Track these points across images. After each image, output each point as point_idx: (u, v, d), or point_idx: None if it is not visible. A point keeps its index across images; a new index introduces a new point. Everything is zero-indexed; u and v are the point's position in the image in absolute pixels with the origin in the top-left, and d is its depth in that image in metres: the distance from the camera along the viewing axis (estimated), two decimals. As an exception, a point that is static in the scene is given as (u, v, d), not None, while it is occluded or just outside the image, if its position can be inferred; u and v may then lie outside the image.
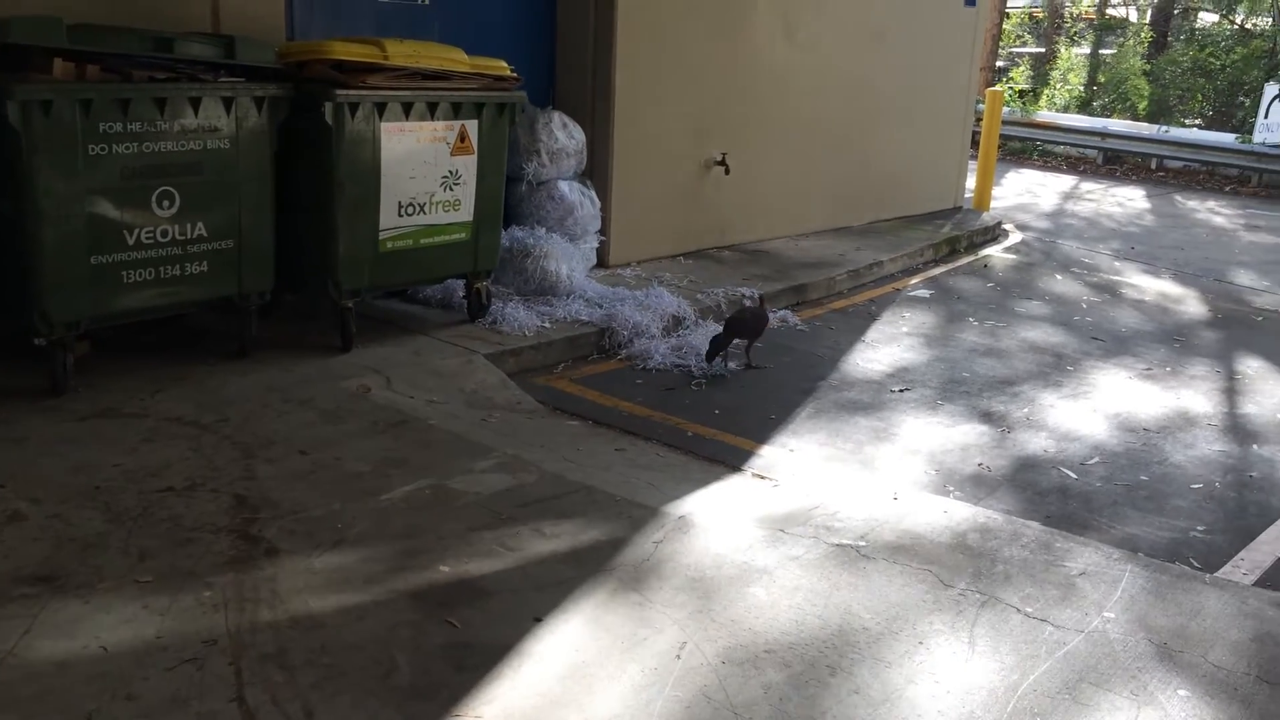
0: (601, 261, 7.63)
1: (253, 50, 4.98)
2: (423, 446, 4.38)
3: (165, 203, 4.73)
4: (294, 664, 2.83)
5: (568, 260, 6.81)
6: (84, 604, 3.05)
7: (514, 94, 5.89)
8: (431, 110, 5.50)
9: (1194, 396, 6.09)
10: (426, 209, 5.62)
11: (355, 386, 4.96)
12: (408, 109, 5.38)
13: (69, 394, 4.56)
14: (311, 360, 5.25)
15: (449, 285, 6.34)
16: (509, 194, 6.92)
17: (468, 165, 5.75)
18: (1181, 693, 2.98)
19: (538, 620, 3.11)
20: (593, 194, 7.35)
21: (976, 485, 4.69)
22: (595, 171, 7.51)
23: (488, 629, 3.05)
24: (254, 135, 4.98)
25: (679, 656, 2.98)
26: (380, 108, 5.26)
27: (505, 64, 5.90)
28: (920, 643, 3.15)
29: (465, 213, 5.81)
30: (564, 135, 7.14)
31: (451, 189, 5.71)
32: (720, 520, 3.94)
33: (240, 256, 5.04)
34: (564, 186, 7.15)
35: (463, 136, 5.69)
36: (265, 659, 2.84)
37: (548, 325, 6.18)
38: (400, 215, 5.50)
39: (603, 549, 3.60)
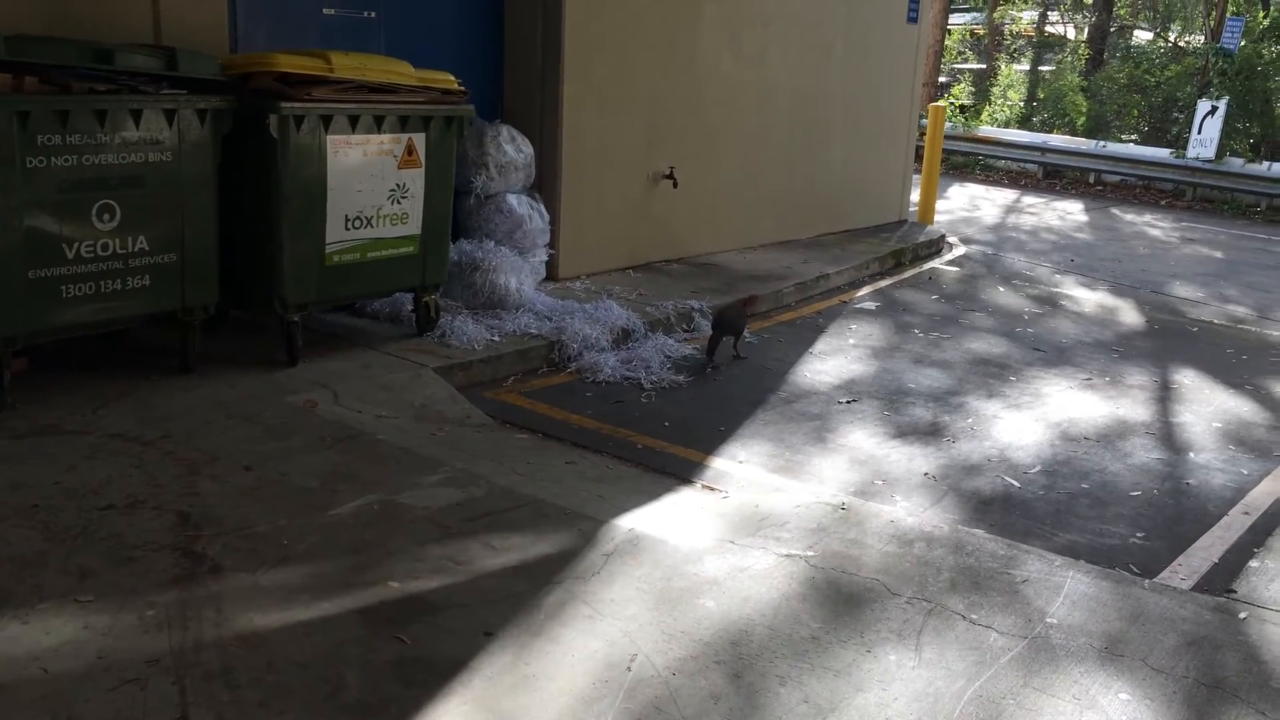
0: (551, 275, 7.64)
1: (195, 62, 4.92)
2: (371, 461, 4.35)
3: (106, 216, 4.65)
4: (239, 683, 2.79)
5: (517, 273, 6.81)
6: (22, 625, 2.98)
7: (462, 107, 5.88)
8: (378, 123, 5.47)
9: (1132, 406, 6.23)
10: (374, 222, 5.59)
11: (302, 401, 4.91)
12: (354, 122, 5.35)
13: (6, 411, 4.46)
14: (257, 375, 5.19)
15: (397, 299, 6.31)
16: (457, 207, 6.91)
17: (415, 179, 5.73)
18: (1123, 696, 3.04)
19: (488, 634, 3.10)
20: (541, 207, 7.35)
21: (923, 495, 4.75)
22: (544, 185, 7.52)
23: (437, 644, 3.04)
24: (197, 148, 4.92)
25: (630, 669, 2.98)
26: (326, 120, 5.23)
27: (452, 77, 5.89)
28: (868, 651, 3.19)
29: (413, 226, 5.79)
30: (512, 149, 7.14)
31: (399, 202, 5.68)
32: (670, 532, 3.96)
33: (183, 270, 4.97)
34: (513, 200, 7.15)
35: (410, 150, 5.67)
36: (210, 678, 2.80)
37: (497, 339, 6.17)
38: (347, 229, 5.47)
39: (553, 562, 3.60)
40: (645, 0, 7.97)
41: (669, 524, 4.06)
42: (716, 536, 3.96)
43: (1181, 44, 21.51)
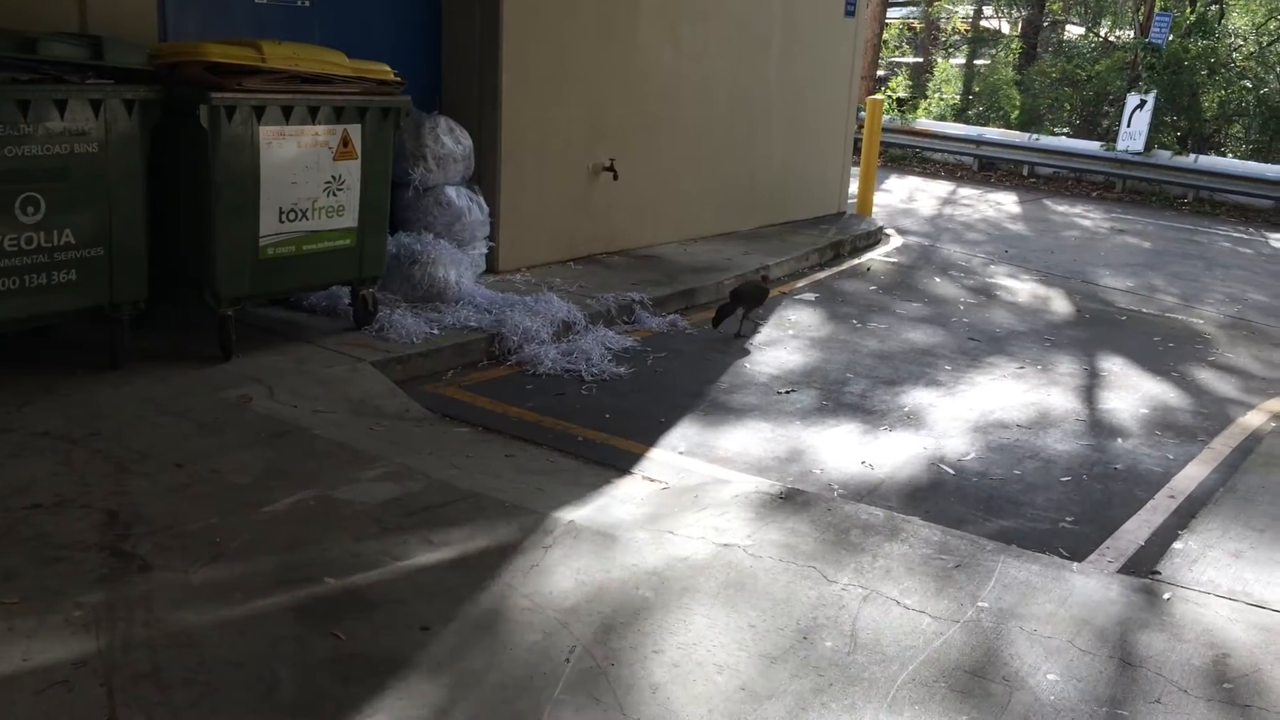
0: (491, 267, 7.60)
1: (122, 51, 4.81)
2: (307, 457, 4.30)
3: (30, 209, 4.54)
4: (170, 683, 2.74)
5: (456, 266, 6.76)
6: (-57, 629, 2.90)
7: (398, 98, 5.82)
8: (313, 114, 5.40)
9: (1063, 393, 6.36)
10: (309, 215, 5.51)
11: (235, 397, 4.84)
12: (288, 113, 5.28)
13: (-74, 410, 4.35)
14: (189, 371, 5.10)
15: (334, 292, 6.23)
16: (395, 200, 6.84)
17: (351, 170, 5.66)
18: (1051, 677, 3.11)
19: (425, 629, 3.08)
20: (481, 200, 7.31)
21: (860, 483, 4.81)
22: (484, 177, 7.48)
23: (374, 640, 3.01)
24: (124, 139, 4.81)
25: (568, 660, 2.99)
26: (259, 111, 5.15)
27: (389, 68, 5.83)
28: (805, 638, 3.22)
29: (349, 218, 5.72)
30: (451, 140, 7.09)
31: (335, 194, 5.61)
32: (610, 524, 3.97)
33: (111, 264, 4.87)
34: (451, 192, 7.10)
35: (346, 141, 5.60)
36: (139, 679, 2.75)
37: (436, 332, 6.13)
38: (282, 221, 5.39)
39: (491, 556, 3.59)
40: (584, -8, 7.96)
41: (608, 516, 4.07)
42: (656, 527, 3.97)
43: (1112, 39, 21.94)
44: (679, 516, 4.11)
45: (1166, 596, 3.66)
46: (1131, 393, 6.45)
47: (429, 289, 6.59)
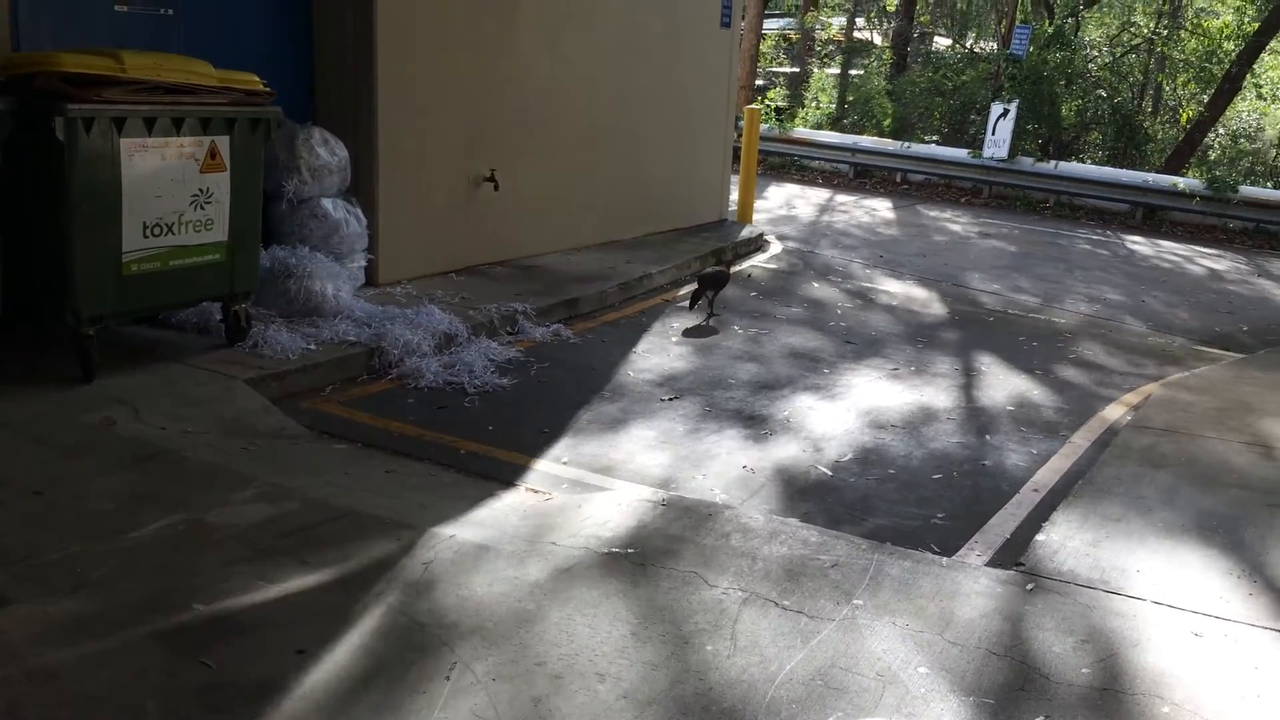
0: (371, 280, 7.48)
1: (-32, 61, 4.60)
2: (175, 480, 4.17)
3: None
4: (28, 722, 2.63)
5: (333, 280, 6.64)
6: None
7: (268, 109, 5.69)
8: (177, 126, 5.24)
9: (935, 393, 6.58)
10: (176, 229, 5.35)
11: (98, 419, 4.66)
12: (150, 124, 5.11)
13: None
14: (48, 393, 4.89)
15: (205, 309, 6.05)
16: (269, 213, 6.70)
17: (220, 183, 5.51)
18: (921, 670, 3.22)
19: (301, 653, 3.02)
20: (359, 211, 7.20)
21: (741, 487, 4.90)
22: (361, 188, 7.36)
23: (247, 666, 2.94)
24: (-27, 152, 4.60)
25: (448, 677, 2.97)
26: (119, 123, 4.97)
27: (257, 78, 5.70)
28: (686, 643, 3.26)
29: (219, 232, 5.57)
30: (325, 151, 6.96)
31: (203, 208, 5.45)
32: (492, 537, 3.95)
33: (-39, 284, 4.64)
34: (327, 204, 6.97)
35: (213, 153, 5.45)
36: (-6, 720, 2.63)
37: (313, 347, 6.01)
38: (146, 236, 5.21)
39: (370, 574, 3.54)
40: (460, 3, 7.90)
41: (491, 529, 4.05)
42: (539, 539, 3.97)
43: (977, 50, 22.78)
44: (562, 527, 4.12)
45: (1030, 587, 3.82)
46: (999, 391, 6.71)
47: (306, 303, 6.45)
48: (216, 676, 2.88)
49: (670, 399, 6.11)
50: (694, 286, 8.17)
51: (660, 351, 7.08)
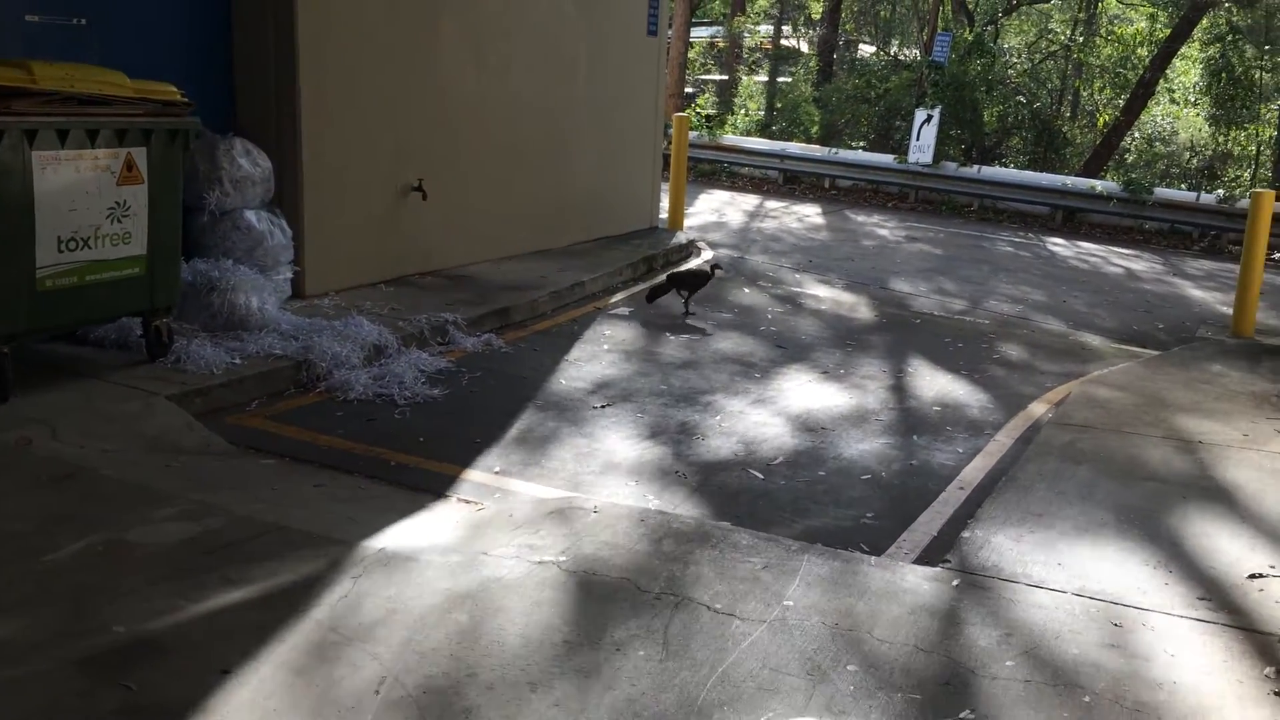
0: (298, 292, 7.37)
1: None
2: (95, 499, 4.07)
3: None
4: (-62, 754, 2.55)
5: (258, 292, 6.54)
6: None
7: (186, 120, 5.59)
8: (92, 138, 5.12)
9: (865, 395, 6.67)
10: (92, 243, 5.22)
11: (13, 439, 4.53)
12: (63, 136, 4.99)
13: None
14: (-40, 414, 4.74)
15: (125, 324, 5.91)
16: (190, 225, 6.58)
17: (137, 195, 5.40)
18: (851, 668, 3.26)
19: (225, 673, 2.96)
20: (283, 223, 7.10)
21: (673, 493, 4.92)
22: (285, 199, 7.26)
23: (168, 688, 2.88)
24: (-125, 166, 4.45)
25: (378, 692, 2.93)
26: (30, 135, 4.84)
27: (175, 88, 5.59)
28: (618, 649, 3.27)
29: (138, 246, 5.45)
30: (248, 162, 6.85)
31: (120, 221, 5.34)
32: (423, 549, 3.92)
33: None
34: (251, 216, 6.86)
35: (130, 165, 5.34)
36: (-98, 752, 2.54)
37: (238, 361, 5.90)
38: (61, 251, 5.08)
39: (297, 591, 3.49)
40: (382, 11, 7.84)
41: (422, 541, 4.02)
42: (470, 549, 3.95)
43: (900, 57, 23.21)
44: (494, 537, 4.10)
45: (955, 583, 3.89)
46: (926, 391, 6.83)
47: (230, 317, 6.34)
48: (137, 699, 2.82)
49: (603, 406, 6.11)
50: (659, 280, 8.61)
51: (593, 359, 7.08)
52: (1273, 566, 4.17)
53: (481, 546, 3.98)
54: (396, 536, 4.03)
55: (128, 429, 4.89)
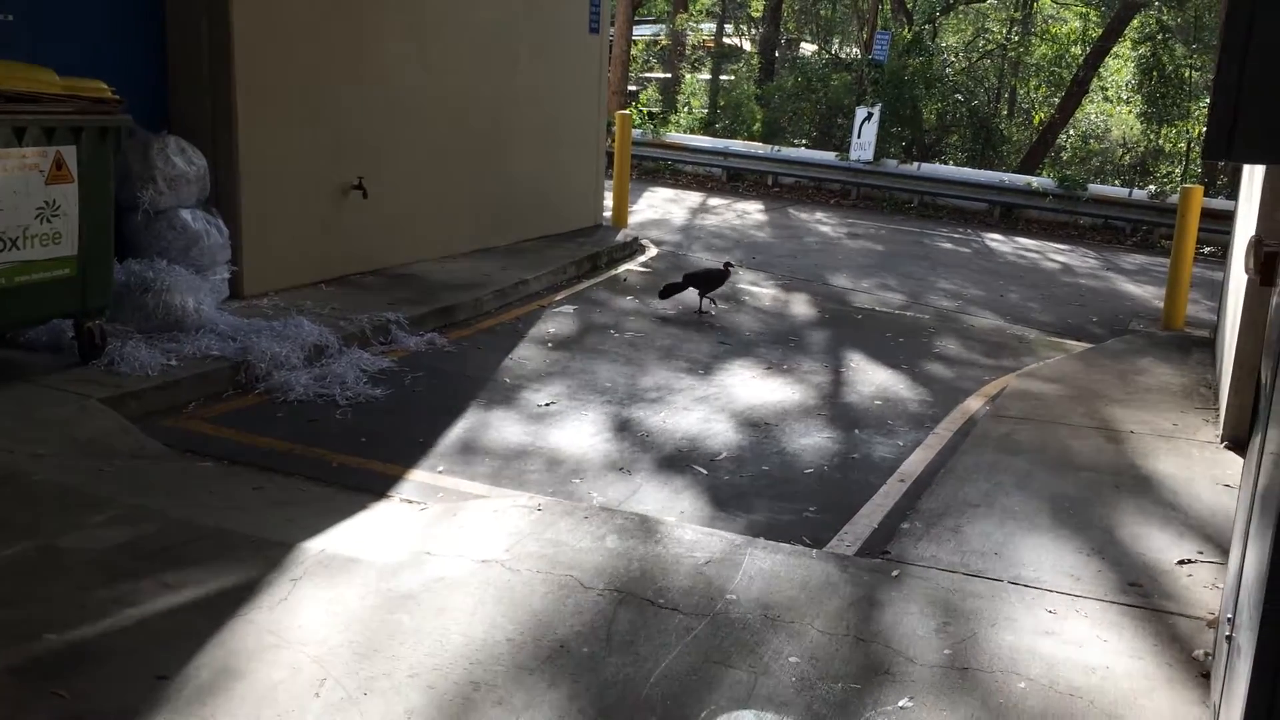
0: (236, 293, 7.27)
1: None
2: (26, 505, 3.98)
3: None
4: None
5: (194, 293, 6.43)
6: None
7: (118, 117, 5.49)
8: (19, 136, 5.01)
9: (807, 390, 6.74)
10: (20, 244, 5.11)
11: (-60, 446, 4.42)
12: (-11, 134, 4.87)
13: None
14: (-117, 420, 4.61)
15: (57, 326, 5.80)
16: (124, 225, 6.47)
17: (67, 195, 5.28)
18: (792, 659, 3.30)
19: (162, 678, 2.92)
20: (220, 222, 6.99)
21: (618, 489, 4.93)
22: (222, 198, 7.15)
23: (103, 695, 2.83)
24: None
25: (318, 694, 2.91)
26: (-46, 133, 4.73)
27: (105, 85, 5.49)
28: (562, 646, 3.27)
29: (68, 246, 5.34)
30: (182, 160, 6.74)
31: (49, 221, 5.22)
32: (365, 550, 3.89)
33: None
34: (186, 215, 6.75)
35: (59, 164, 5.22)
36: None
37: (175, 363, 5.81)
38: (-13, 252, 4.96)
39: (236, 594, 3.44)
40: (322, 6, 7.75)
41: (363, 542, 3.99)
42: (413, 549, 3.92)
43: (841, 56, 23.42)
44: (437, 537, 4.08)
45: (895, 574, 3.95)
46: (867, 386, 6.91)
47: (165, 318, 6.23)
48: (71, 708, 2.77)
49: (547, 404, 6.10)
50: (675, 280, 8.72)
51: (537, 357, 7.07)
52: (1201, 552, 4.29)
53: (424, 546, 3.95)
54: (337, 538, 3.99)
55: (60, 433, 4.79)
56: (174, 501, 4.18)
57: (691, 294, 8.69)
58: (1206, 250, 13.27)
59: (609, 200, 12.20)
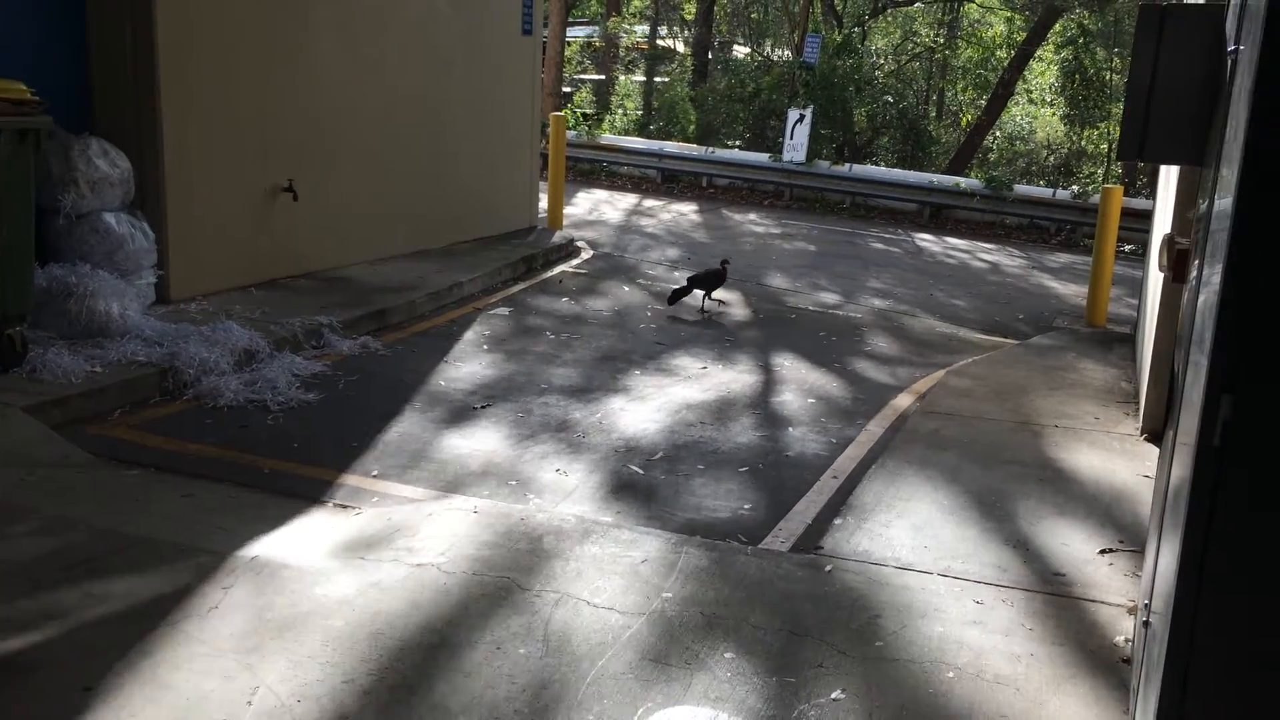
0: (162, 297, 7.13)
1: None
2: (-56, 517, 3.87)
3: None
4: None
5: (119, 298, 6.30)
6: None
7: (37, 118, 5.37)
8: (-68, 137, 4.87)
9: (742, 389, 6.80)
10: (-65, 249, 4.96)
11: None
12: (-100, 136, 4.73)
13: None
14: None
15: (-27, 333, 5.63)
16: (45, 229, 6.32)
17: (-15, 198, 5.15)
18: (727, 655, 3.34)
19: (88, 690, 2.87)
20: (145, 225, 6.85)
21: (555, 490, 4.93)
22: (147, 201, 7.01)
23: (28, 709, 2.77)
24: None
25: (250, 703, 2.88)
26: None
27: (24, 86, 5.36)
28: (498, 648, 3.28)
29: (-14, 251, 5.20)
30: (105, 163, 6.60)
31: (-34, 225, 5.08)
32: (297, 556, 3.85)
33: None
34: (110, 218, 6.61)
35: (-24, 166, 5.09)
36: None
37: (99, 369, 5.69)
38: (-100, 257, 4.82)
39: (165, 603, 3.39)
40: (249, 4, 7.63)
41: (296, 548, 3.95)
42: (347, 554, 3.90)
43: (773, 58, 23.66)
44: (371, 541, 4.05)
45: (828, 569, 4.01)
46: (801, 385, 7.00)
47: (89, 323, 6.10)
48: (-7, 723, 2.71)
49: (483, 406, 6.09)
50: (680, 285, 9.04)
51: (472, 359, 7.04)
52: (1121, 541, 4.42)
53: (359, 551, 3.93)
54: (270, 544, 3.95)
55: (-21, 443, 4.67)
56: (100, 511, 4.10)
57: (696, 295, 8.98)
58: (1128, 248, 13.65)
59: (544, 202, 12.19)
